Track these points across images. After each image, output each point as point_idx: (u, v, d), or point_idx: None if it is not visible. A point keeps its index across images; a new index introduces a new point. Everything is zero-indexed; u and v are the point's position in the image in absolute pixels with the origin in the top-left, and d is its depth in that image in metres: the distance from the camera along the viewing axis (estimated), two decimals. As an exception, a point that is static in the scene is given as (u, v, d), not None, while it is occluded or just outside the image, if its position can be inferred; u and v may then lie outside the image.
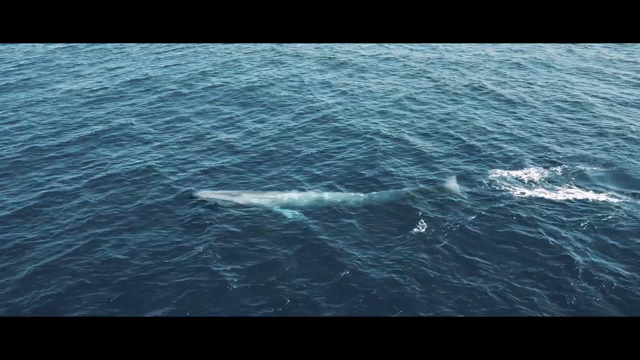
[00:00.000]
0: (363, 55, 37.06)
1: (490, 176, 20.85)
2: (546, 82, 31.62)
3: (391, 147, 23.24)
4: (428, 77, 32.27)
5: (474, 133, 24.63)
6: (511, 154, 22.59)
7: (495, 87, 30.62)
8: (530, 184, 20.45)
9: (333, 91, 30.30)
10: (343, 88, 30.64)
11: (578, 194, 19.45)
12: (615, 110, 27.18)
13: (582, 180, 20.55)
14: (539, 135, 24.54)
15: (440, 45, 39.27)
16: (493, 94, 29.77)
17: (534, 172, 21.11)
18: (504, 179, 20.71)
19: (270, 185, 19.78)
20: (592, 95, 29.35)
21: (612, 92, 29.83)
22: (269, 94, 29.40)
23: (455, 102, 28.57)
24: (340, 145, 23.53)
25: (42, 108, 26.70)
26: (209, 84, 30.58)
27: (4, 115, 25.86)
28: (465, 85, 30.79)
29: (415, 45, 39.46)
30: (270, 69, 33.92)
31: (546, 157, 22.41)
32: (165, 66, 33.90)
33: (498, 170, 21.25)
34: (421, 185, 19.45)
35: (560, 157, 22.38)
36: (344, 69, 34.14)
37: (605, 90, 30.07)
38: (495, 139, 24.13)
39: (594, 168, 21.69)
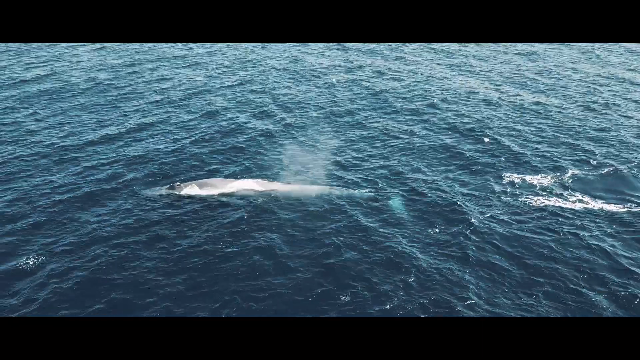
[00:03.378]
0: (384, 56, 36.82)
1: (504, 181, 20.47)
2: (572, 86, 30.72)
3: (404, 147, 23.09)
4: (451, 81, 31.73)
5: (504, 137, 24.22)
6: (536, 158, 22.09)
7: (522, 93, 29.92)
8: (546, 189, 19.84)
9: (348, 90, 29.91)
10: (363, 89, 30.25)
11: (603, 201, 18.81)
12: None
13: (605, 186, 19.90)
14: (563, 141, 23.93)
15: (464, 51, 38.57)
16: (514, 98, 29.24)
17: (554, 178, 20.53)
18: (516, 183, 20.26)
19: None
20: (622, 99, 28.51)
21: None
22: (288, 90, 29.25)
23: (475, 107, 27.88)
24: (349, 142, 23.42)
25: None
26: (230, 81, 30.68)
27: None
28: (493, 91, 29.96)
29: (437, 50, 38.69)
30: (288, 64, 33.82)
31: (577, 161, 21.86)
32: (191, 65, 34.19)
33: (510, 174, 20.82)
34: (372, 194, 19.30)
35: (585, 162, 21.78)
36: (361, 71, 33.74)
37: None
38: (516, 144, 23.65)
39: (616, 174, 20.91)
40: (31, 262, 15.20)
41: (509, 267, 15.44)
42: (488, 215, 17.86)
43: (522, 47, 38.77)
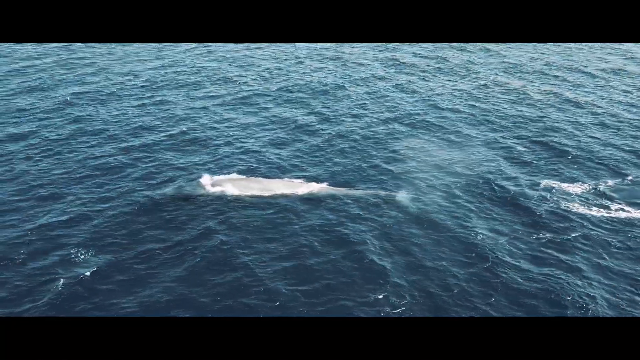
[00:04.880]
0: (423, 57, 36.81)
1: (572, 185, 20.60)
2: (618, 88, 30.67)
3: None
4: (492, 83, 31.92)
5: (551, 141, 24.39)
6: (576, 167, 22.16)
7: (571, 94, 29.89)
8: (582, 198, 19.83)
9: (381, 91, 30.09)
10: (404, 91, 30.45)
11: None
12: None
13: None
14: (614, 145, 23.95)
15: (500, 50, 38.44)
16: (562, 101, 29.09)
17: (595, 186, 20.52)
18: (583, 188, 20.39)
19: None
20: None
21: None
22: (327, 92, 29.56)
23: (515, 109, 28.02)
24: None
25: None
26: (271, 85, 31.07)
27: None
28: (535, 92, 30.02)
29: (474, 50, 38.66)
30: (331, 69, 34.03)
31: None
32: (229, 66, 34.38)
33: (547, 181, 20.87)
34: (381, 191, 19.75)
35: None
36: (403, 73, 33.79)
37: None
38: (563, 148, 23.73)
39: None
40: (91, 264, 15.85)
41: (594, 270, 16.05)
42: (567, 220, 18.39)
43: (560, 46, 38.80)
